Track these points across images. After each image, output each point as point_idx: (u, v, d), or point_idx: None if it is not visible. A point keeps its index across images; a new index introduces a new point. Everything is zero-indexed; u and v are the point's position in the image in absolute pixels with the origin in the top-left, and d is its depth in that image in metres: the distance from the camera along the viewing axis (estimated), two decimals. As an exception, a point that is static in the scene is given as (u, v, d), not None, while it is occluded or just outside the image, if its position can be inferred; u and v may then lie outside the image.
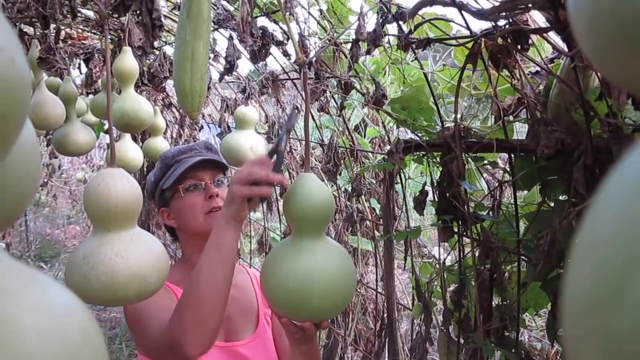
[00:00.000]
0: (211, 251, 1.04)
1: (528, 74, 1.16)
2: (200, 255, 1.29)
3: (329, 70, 1.35)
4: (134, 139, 3.14)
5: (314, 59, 1.26)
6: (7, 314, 0.26)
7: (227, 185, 1.38)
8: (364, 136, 2.12)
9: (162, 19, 1.30)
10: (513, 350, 1.22)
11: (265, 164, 1.02)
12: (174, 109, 3.49)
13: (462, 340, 1.34)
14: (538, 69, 1.17)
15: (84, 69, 3.04)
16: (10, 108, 0.27)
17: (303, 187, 1.02)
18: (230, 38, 1.41)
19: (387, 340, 1.57)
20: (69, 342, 0.37)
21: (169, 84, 2.81)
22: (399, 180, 1.67)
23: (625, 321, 0.16)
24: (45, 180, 6.85)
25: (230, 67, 1.34)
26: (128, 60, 1.92)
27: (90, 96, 3.20)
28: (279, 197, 2.51)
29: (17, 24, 2.08)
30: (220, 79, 1.54)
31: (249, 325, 1.37)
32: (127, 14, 1.17)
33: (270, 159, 1.04)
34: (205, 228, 1.27)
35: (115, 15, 1.31)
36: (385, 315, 1.62)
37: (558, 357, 1.14)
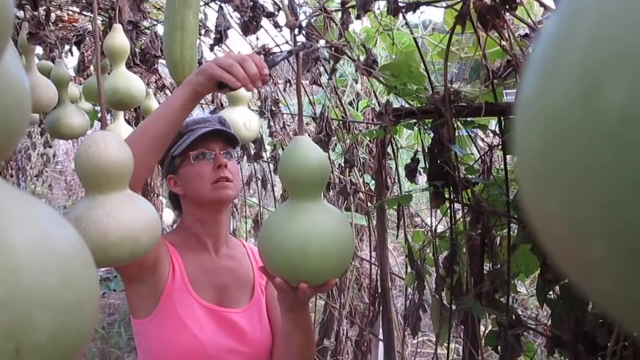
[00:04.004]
0: (161, 105, 1.15)
1: (517, 37, 1.16)
2: (199, 223, 1.35)
3: (319, 35, 1.35)
4: (128, 122, 3.12)
5: (304, 22, 1.26)
6: None
7: (236, 160, 1.41)
8: (357, 109, 2.13)
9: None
10: (504, 314, 1.23)
11: (254, 60, 1.06)
12: (167, 91, 3.49)
13: (454, 307, 1.35)
14: (528, 31, 1.17)
15: (76, 54, 3.02)
16: None
17: (298, 150, 1.02)
18: (221, 9, 1.41)
19: (380, 308, 1.58)
20: (58, 253, 0.38)
21: (162, 65, 2.80)
22: (391, 154, 1.68)
23: (558, 93, 0.17)
24: (41, 169, 6.82)
25: (220, 37, 1.34)
26: (119, 38, 1.91)
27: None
28: (272, 174, 2.51)
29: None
30: (211, 49, 1.54)
31: (244, 296, 1.38)
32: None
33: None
34: (210, 198, 1.30)
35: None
36: (378, 284, 1.64)
37: (548, 322, 1.15)
